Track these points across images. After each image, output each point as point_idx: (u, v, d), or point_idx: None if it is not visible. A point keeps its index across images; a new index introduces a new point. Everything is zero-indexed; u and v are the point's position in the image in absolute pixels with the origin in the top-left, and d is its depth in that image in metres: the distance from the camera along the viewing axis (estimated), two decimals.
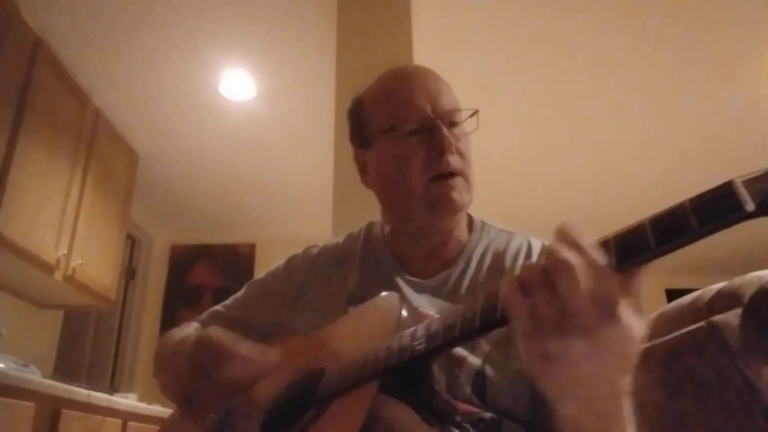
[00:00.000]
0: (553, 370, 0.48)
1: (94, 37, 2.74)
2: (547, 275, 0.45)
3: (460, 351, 0.71)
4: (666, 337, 0.84)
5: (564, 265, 0.44)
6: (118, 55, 2.87)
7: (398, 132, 0.81)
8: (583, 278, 0.44)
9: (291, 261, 0.97)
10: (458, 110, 0.82)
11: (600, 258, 0.45)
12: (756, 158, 3.79)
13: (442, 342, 0.56)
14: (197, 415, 0.77)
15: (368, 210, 0.98)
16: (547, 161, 3.90)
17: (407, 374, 0.61)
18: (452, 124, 0.82)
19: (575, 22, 2.72)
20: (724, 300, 0.80)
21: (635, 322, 0.47)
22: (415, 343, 0.58)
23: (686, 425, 0.81)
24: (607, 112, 3.39)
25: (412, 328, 0.61)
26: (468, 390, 0.70)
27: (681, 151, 3.75)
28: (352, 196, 2.02)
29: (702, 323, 0.80)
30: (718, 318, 0.78)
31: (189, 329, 0.92)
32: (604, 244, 0.47)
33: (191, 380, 0.72)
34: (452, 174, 0.79)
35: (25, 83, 2.41)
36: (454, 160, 0.79)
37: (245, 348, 0.72)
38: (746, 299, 0.76)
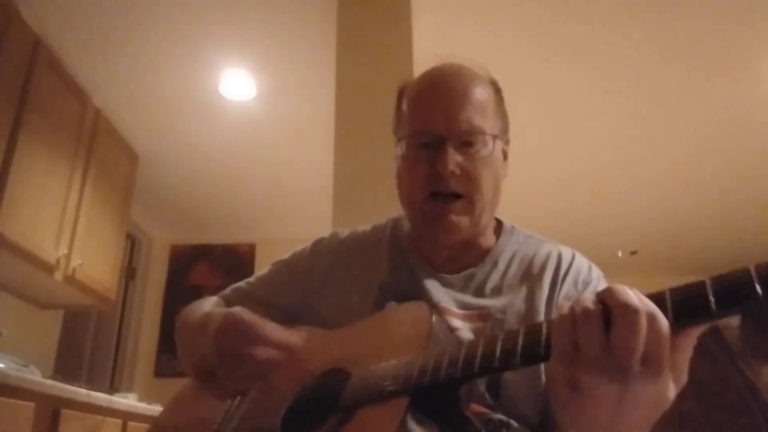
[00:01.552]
0: (575, 401, 0.47)
1: (94, 37, 2.74)
2: (606, 314, 0.45)
3: None
4: None
5: (629, 309, 0.44)
6: (118, 55, 2.87)
7: (412, 141, 0.82)
8: (644, 328, 0.43)
9: (318, 243, 0.96)
10: (473, 133, 0.80)
11: (661, 315, 0.44)
12: (755, 158, 3.79)
13: (478, 371, 0.55)
14: (216, 392, 0.76)
15: (368, 210, 0.99)
16: (546, 161, 3.90)
17: (438, 395, 0.60)
18: (467, 144, 0.80)
19: (575, 23, 2.72)
20: None
21: (673, 384, 0.46)
22: (451, 366, 0.57)
23: (686, 425, 0.81)
24: (606, 111, 3.39)
25: (450, 350, 0.60)
26: (482, 388, 0.69)
27: (680, 151, 3.75)
28: (352, 196, 2.02)
29: None
30: None
31: (210, 303, 0.91)
32: (660, 299, 0.46)
33: (215, 358, 0.71)
34: (453, 195, 0.79)
35: (25, 83, 2.41)
36: (454, 183, 0.78)
37: (273, 330, 0.71)
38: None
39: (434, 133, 0.79)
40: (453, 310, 0.78)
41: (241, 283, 0.98)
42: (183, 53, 2.86)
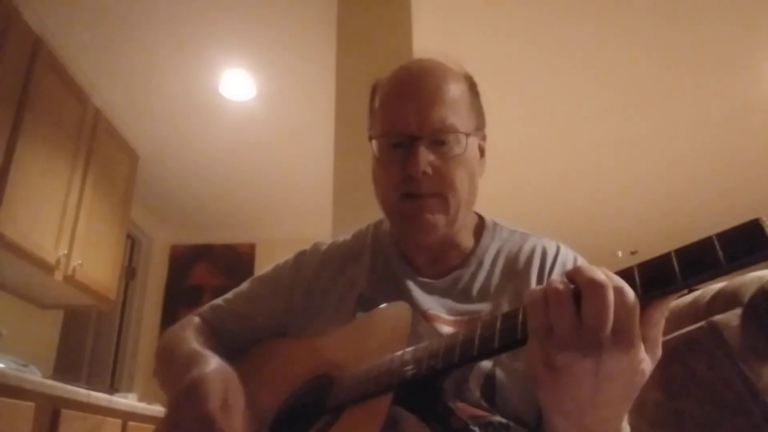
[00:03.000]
0: (554, 380, 0.48)
1: (94, 37, 2.75)
2: (576, 292, 0.46)
3: None
4: (666, 337, 0.84)
5: (596, 284, 0.45)
6: (118, 55, 2.87)
7: (384, 142, 0.81)
8: (612, 301, 0.45)
9: (299, 257, 0.94)
10: (446, 131, 0.77)
11: (629, 288, 0.46)
12: (754, 159, 3.79)
13: (458, 360, 0.56)
14: None
15: (368, 210, 0.98)
16: (546, 161, 3.90)
17: (421, 389, 0.61)
18: (439, 142, 0.77)
19: (575, 23, 2.73)
20: (724, 300, 0.80)
21: (647, 355, 0.48)
22: (432, 359, 0.58)
23: (686, 425, 0.81)
24: (607, 112, 3.39)
25: (428, 343, 0.60)
26: (477, 394, 0.69)
27: (680, 150, 3.75)
28: (352, 195, 2.02)
29: (702, 323, 0.80)
30: (718, 318, 0.78)
31: (192, 329, 0.89)
32: (628, 274, 0.48)
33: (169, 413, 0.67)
34: (426, 194, 0.77)
35: (25, 83, 2.41)
36: (427, 183, 0.76)
37: (231, 410, 0.65)
38: (746, 299, 0.76)
39: (406, 132, 0.78)
40: (442, 317, 0.77)
41: (219, 301, 0.95)
42: (183, 53, 2.86)
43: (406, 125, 0.78)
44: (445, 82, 0.81)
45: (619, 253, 5.05)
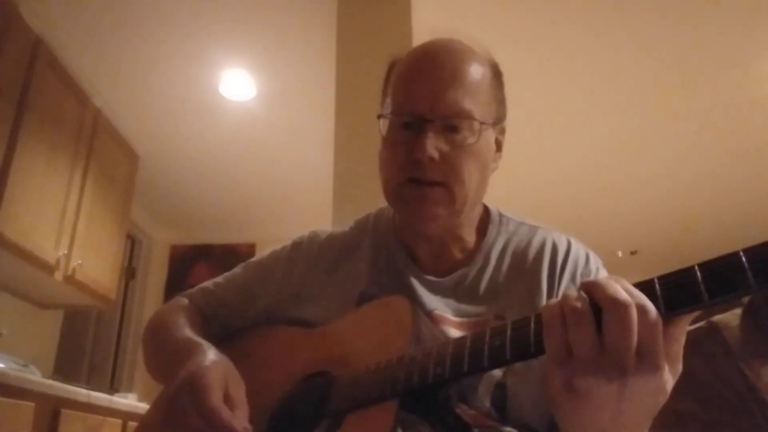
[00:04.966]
0: (575, 404, 0.46)
1: (94, 37, 2.74)
2: (595, 310, 0.44)
3: None
4: None
5: (618, 303, 0.42)
6: (118, 55, 2.87)
7: (393, 121, 0.76)
8: (635, 322, 0.42)
9: (296, 247, 0.90)
10: (460, 116, 0.72)
11: (651, 306, 0.43)
12: (755, 159, 3.78)
13: (468, 369, 0.54)
14: None
15: (368, 209, 0.97)
16: (546, 161, 3.90)
17: (428, 395, 0.59)
18: (452, 129, 0.72)
19: (575, 23, 2.72)
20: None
21: (670, 374, 0.45)
22: (438, 366, 0.56)
23: (686, 425, 0.81)
24: (606, 112, 3.39)
25: (434, 348, 0.58)
26: (487, 403, 0.66)
27: (680, 150, 3.75)
28: (352, 195, 2.02)
29: (702, 323, 0.80)
30: (718, 318, 0.78)
31: (182, 312, 0.85)
32: (649, 288, 0.45)
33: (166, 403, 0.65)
34: (431, 183, 0.72)
35: (25, 83, 2.41)
36: (433, 170, 0.71)
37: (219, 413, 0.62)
38: (746, 299, 0.76)
39: (417, 112, 0.72)
40: (449, 319, 0.74)
41: (209, 285, 0.91)
42: (183, 53, 2.86)
43: (418, 105, 0.72)
44: (467, 64, 0.75)
45: (619, 253, 5.04)
